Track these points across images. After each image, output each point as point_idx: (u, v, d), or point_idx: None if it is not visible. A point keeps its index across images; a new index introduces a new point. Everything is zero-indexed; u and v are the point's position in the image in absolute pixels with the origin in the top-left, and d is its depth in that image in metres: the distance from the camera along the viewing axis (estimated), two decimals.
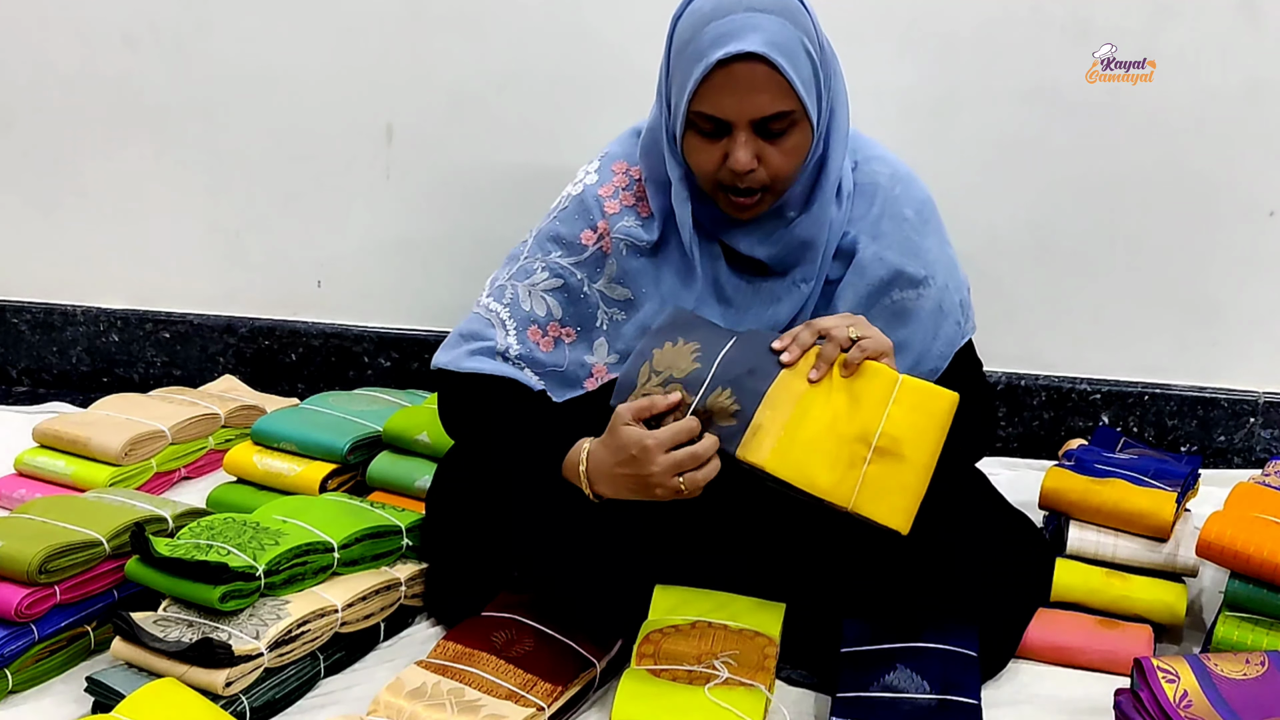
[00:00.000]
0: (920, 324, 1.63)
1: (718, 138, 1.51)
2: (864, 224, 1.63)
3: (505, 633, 1.59)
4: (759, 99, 1.47)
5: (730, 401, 1.44)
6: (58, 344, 2.71)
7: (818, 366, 1.45)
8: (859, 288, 1.62)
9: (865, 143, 1.68)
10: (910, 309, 1.62)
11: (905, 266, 1.62)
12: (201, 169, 2.56)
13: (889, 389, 1.43)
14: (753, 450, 1.42)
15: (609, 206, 1.66)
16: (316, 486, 2.00)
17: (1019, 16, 2.18)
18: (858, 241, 1.62)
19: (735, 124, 1.49)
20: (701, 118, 1.50)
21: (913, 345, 1.63)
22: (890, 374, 1.45)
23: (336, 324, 2.59)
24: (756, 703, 1.46)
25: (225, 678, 1.47)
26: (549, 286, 1.67)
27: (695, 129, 1.52)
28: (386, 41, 2.41)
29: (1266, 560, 1.57)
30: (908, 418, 1.43)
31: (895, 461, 1.42)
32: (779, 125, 1.49)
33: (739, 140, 1.49)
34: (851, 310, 1.61)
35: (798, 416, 1.43)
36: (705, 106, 1.49)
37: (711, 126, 1.50)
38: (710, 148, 1.52)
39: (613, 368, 1.66)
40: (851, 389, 1.44)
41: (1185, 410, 2.29)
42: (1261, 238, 2.21)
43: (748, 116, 1.48)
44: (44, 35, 2.54)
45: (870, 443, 1.42)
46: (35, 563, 1.57)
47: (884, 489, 1.42)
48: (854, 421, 1.43)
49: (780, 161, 1.51)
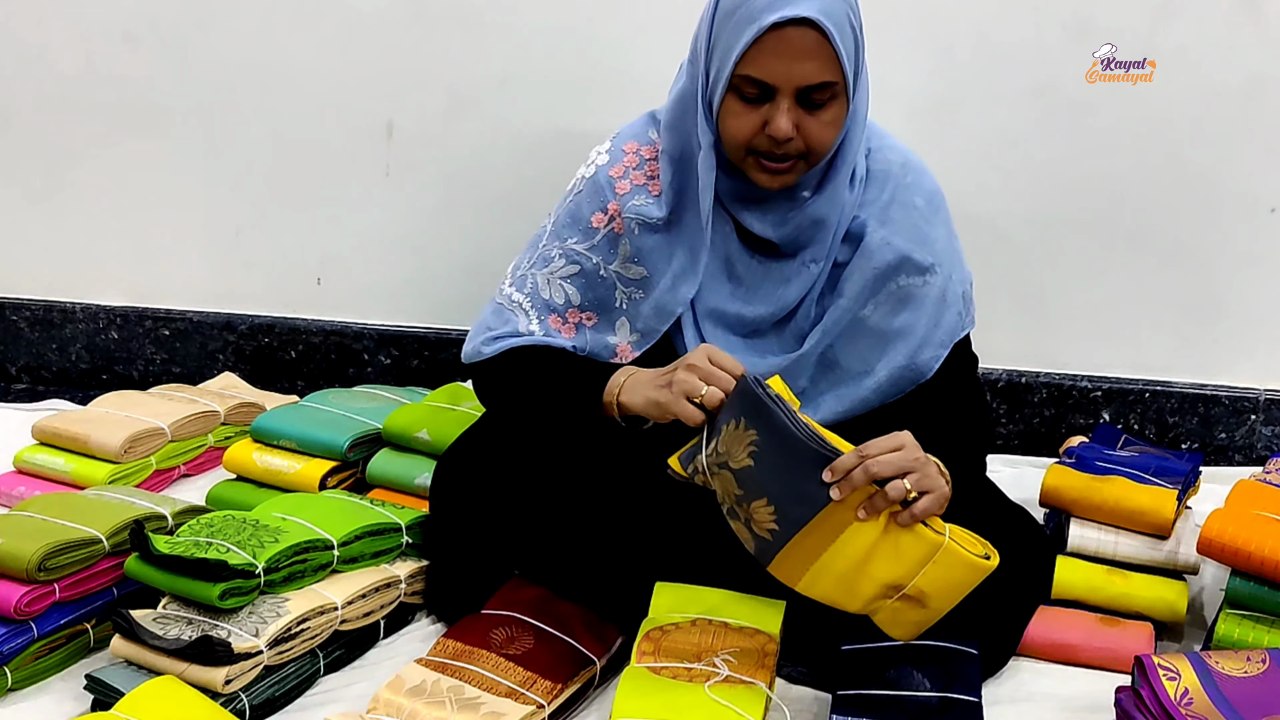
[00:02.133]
0: (924, 311, 1.65)
1: (759, 103, 1.52)
2: (874, 209, 1.64)
3: (505, 630, 1.59)
4: (807, 66, 1.49)
5: (770, 519, 1.43)
6: (57, 341, 2.71)
7: (866, 508, 1.40)
8: (866, 271, 1.64)
9: (878, 131, 1.70)
10: (915, 295, 1.64)
11: (912, 253, 1.63)
12: (201, 166, 2.56)
13: (931, 552, 1.42)
14: (784, 572, 1.45)
15: (620, 187, 1.68)
16: (316, 484, 2.00)
17: (1020, 14, 2.18)
18: (866, 226, 1.64)
19: (780, 90, 1.50)
20: (747, 81, 1.51)
21: (915, 331, 1.64)
22: (934, 540, 1.42)
23: (336, 321, 2.59)
24: (757, 700, 1.46)
25: (225, 675, 1.47)
26: (566, 273, 1.69)
27: (737, 94, 1.53)
28: (387, 39, 2.41)
29: (1268, 558, 1.57)
30: (943, 578, 1.43)
31: (917, 607, 1.44)
32: (821, 96, 1.51)
33: (781, 107, 1.51)
34: (858, 293, 1.62)
35: (835, 551, 1.42)
36: (753, 70, 1.50)
37: (756, 91, 1.52)
38: (750, 113, 1.53)
39: (635, 345, 1.68)
40: (895, 539, 1.42)
41: (1186, 407, 2.29)
42: (1262, 234, 2.21)
43: (795, 83, 1.50)
44: (44, 33, 2.54)
45: (900, 590, 1.43)
46: (34, 560, 1.57)
47: (898, 621, 1.46)
48: (889, 568, 1.43)
49: (818, 132, 1.53)
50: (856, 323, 1.66)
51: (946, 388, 1.68)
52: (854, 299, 1.65)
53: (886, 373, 1.66)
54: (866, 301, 1.65)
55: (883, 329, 1.66)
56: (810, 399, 1.68)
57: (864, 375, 1.67)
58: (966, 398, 1.72)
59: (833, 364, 1.68)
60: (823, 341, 1.66)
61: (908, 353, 1.65)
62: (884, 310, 1.64)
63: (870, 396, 1.67)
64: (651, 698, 1.44)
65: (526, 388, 1.68)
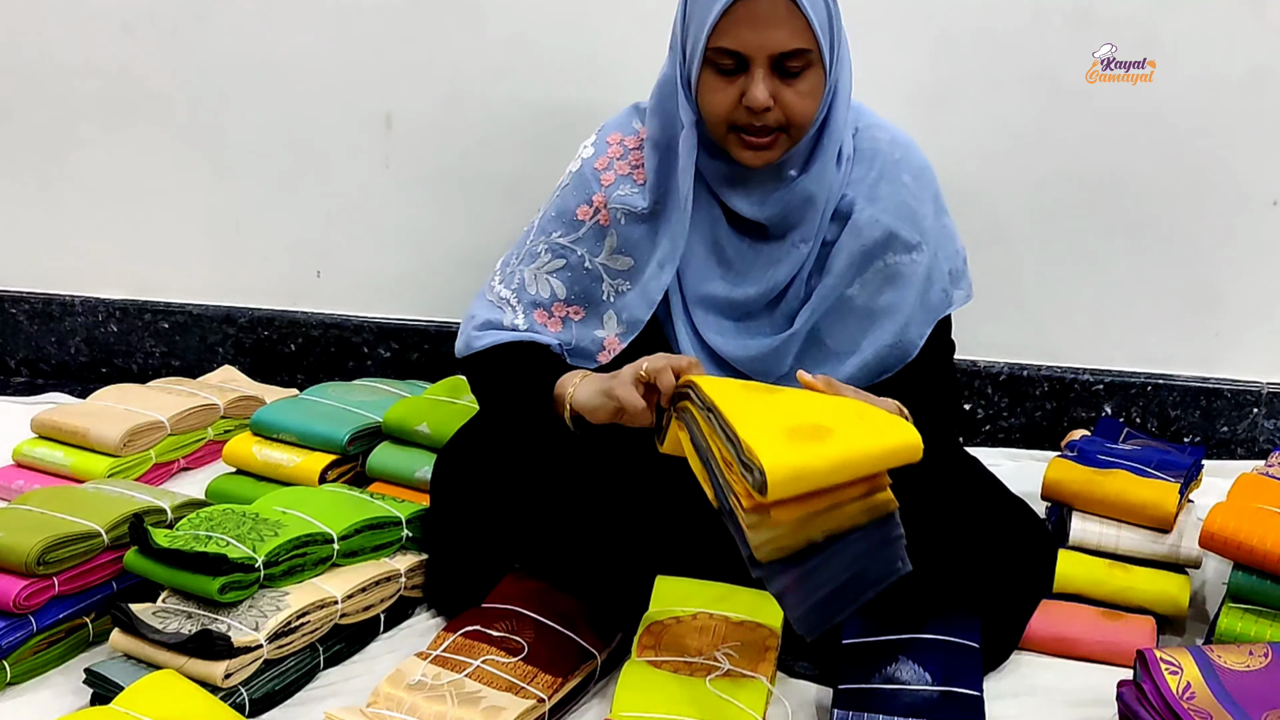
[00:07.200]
0: (911, 289, 1.65)
1: (735, 75, 1.53)
2: (862, 186, 1.65)
3: (506, 624, 1.58)
4: (778, 33, 1.49)
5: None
6: (56, 334, 2.70)
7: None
8: (853, 249, 1.64)
9: (866, 112, 1.70)
10: (903, 273, 1.64)
11: (899, 230, 1.63)
12: (200, 158, 2.56)
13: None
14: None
15: (605, 178, 1.69)
16: (316, 477, 1.99)
17: (1021, 4, 2.17)
18: (855, 204, 1.64)
19: (754, 59, 1.51)
20: (720, 53, 1.52)
21: (901, 309, 1.65)
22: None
23: (336, 314, 2.59)
24: (758, 694, 1.46)
25: (224, 669, 1.47)
26: (552, 268, 1.70)
27: (712, 67, 1.54)
28: (386, 30, 2.40)
29: (1270, 551, 1.56)
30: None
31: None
32: (795, 64, 1.52)
33: (756, 76, 1.51)
34: (844, 271, 1.63)
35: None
36: (725, 40, 1.51)
37: (730, 63, 1.53)
38: (727, 86, 1.54)
39: (623, 337, 1.69)
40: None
41: (1188, 401, 2.29)
42: (1264, 227, 2.20)
43: (767, 51, 1.50)
44: (42, 24, 2.53)
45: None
46: (34, 554, 1.56)
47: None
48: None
49: (796, 103, 1.53)
50: (843, 301, 1.65)
51: (920, 369, 1.68)
52: (841, 276, 1.64)
53: (873, 351, 1.66)
54: (854, 279, 1.65)
55: (869, 308, 1.65)
56: (796, 380, 1.68)
57: (850, 354, 1.67)
58: (938, 379, 1.71)
59: (820, 343, 1.68)
60: (810, 320, 1.66)
61: (894, 331, 1.65)
62: (871, 289, 1.64)
63: (857, 375, 1.67)
64: (653, 692, 1.44)
65: (501, 387, 1.69)
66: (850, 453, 1.29)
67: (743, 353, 1.68)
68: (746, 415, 1.32)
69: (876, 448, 1.31)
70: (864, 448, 1.30)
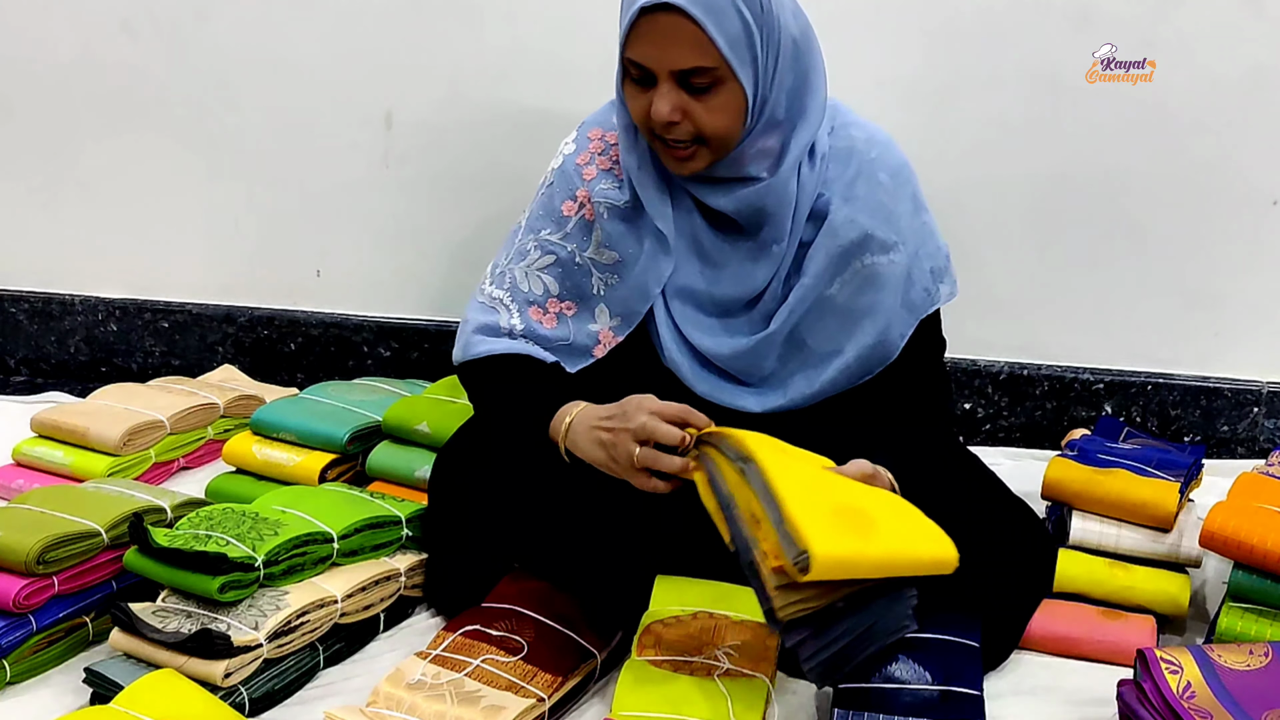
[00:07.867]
0: (891, 290, 1.64)
1: (646, 87, 1.55)
2: (838, 186, 1.64)
3: (505, 623, 1.58)
4: (675, 51, 1.50)
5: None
6: (56, 333, 2.70)
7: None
8: (830, 249, 1.63)
9: (843, 110, 1.70)
10: (881, 274, 1.63)
11: (876, 230, 1.63)
12: (200, 157, 2.55)
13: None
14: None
15: (586, 173, 1.70)
16: (316, 477, 1.99)
17: (1021, 4, 2.17)
18: (831, 204, 1.64)
19: (658, 74, 1.52)
20: (631, 64, 1.54)
21: (882, 310, 1.64)
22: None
23: (336, 313, 2.59)
24: (758, 693, 1.46)
25: (224, 669, 1.46)
26: (543, 265, 1.71)
27: (629, 76, 1.56)
28: (386, 29, 2.40)
29: (1270, 551, 1.56)
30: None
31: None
32: (700, 81, 1.52)
33: (660, 91, 1.53)
34: (822, 272, 1.63)
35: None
36: (633, 53, 1.53)
37: (640, 74, 1.54)
38: (641, 96, 1.56)
39: (617, 330, 1.70)
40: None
41: (1188, 400, 2.29)
42: (1264, 226, 2.20)
43: (666, 67, 1.51)
44: (42, 23, 2.53)
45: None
46: (33, 553, 1.56)
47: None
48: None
49: (706, 118, 1.53)
50: (823, 301, 1.65)
51: (908, 367, 1.67)
52: (818, 276, 1.64)
53: (855, 352, 1.65)
54: (833, 280, 1.64)
55: (850, 308, 1.65)
56: (779, 380, 1.69)
57: (833, 355, 1.66)
58: (927, 378, 1.71)
59: (800, 344, 1.67)
60: (789, 321, 1.66)
61: (875, 332, 1.64)
62: (850, 289, 1.63)
63: (839, 378, 1.67)
64: (653, 691, 1.44)
65: (498, 409, 1.71)
66: (892, 556, 1.34)
67: (723, 350, 1.68)
68: (791, 483, 1.33)
69: (915, 557, 1.36)
70: (905, 555, 1.35)
